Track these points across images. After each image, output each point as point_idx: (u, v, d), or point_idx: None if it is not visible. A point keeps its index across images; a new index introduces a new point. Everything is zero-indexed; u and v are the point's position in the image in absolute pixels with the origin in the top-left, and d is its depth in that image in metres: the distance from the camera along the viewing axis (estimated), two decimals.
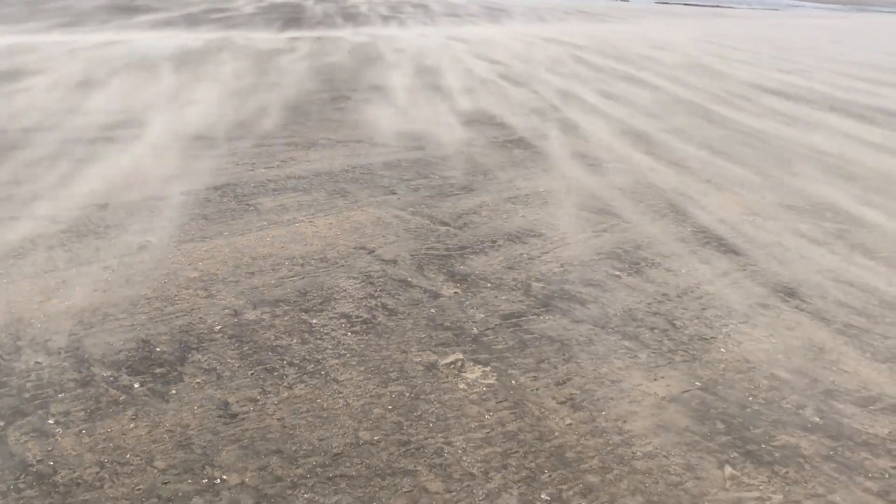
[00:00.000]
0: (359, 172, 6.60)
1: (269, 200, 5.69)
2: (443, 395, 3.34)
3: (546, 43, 18.37)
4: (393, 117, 8.90)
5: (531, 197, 6.21)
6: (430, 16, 24.89)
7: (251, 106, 9.03)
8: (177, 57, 12.61)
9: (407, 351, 3.69)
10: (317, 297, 4.21)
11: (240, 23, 18.90)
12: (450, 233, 5.29)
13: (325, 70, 12.22)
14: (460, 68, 13.27)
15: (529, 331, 3.95)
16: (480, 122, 9.06)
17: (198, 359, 3.47)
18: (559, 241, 5.23)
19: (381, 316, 4.03)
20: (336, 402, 3.22)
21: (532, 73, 13.27)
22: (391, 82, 11.38)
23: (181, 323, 3.79)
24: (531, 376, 3.51)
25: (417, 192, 6.17)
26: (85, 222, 5.02)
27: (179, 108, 8.67)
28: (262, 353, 3.57)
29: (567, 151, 7.78)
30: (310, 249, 4.84)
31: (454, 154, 7.44)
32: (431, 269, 4.66)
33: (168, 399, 3.16)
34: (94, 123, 7.72)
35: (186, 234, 4.93)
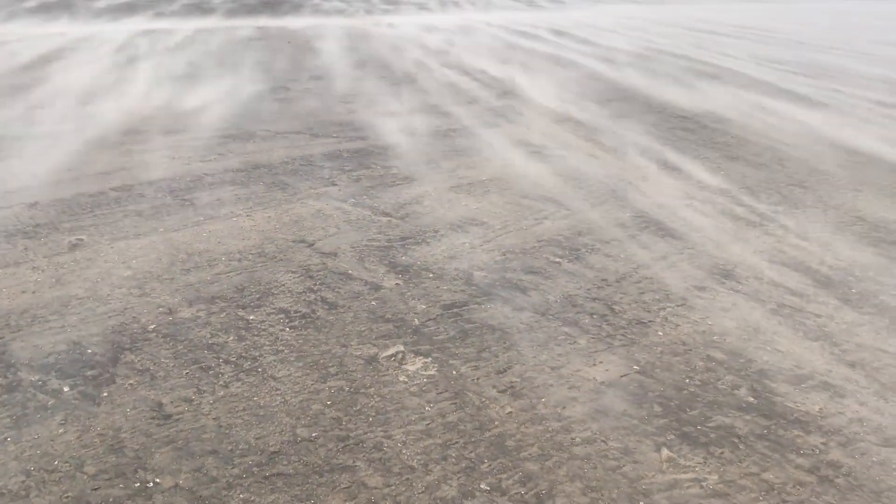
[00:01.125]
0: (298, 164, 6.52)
1: (205, 195, 5.58)
2: (382, 388, 3.31)
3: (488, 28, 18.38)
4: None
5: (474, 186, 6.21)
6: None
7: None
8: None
9: (347, 345, 3.65)
10: (254, 292, 4.14)
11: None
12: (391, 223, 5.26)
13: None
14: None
15: (471, 320, 3.95)
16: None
17: (131, 359, 3.39)
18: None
19: (321, 310, 3.99)
20: (273, 400, 3.18)
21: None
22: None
23: (114, 323, 3.69)
24: (472, 366, 3.51)
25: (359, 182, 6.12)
26: (13, 221, 4.85)
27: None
28: (198, 352, 3.50)
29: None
30: (248, 244, 4.76)
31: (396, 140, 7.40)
32: (372, 261, 4.62)
33: (99, 402, 3.07)
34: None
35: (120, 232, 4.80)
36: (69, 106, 7.99)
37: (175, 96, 8.83)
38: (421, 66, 12.41)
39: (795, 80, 12.10)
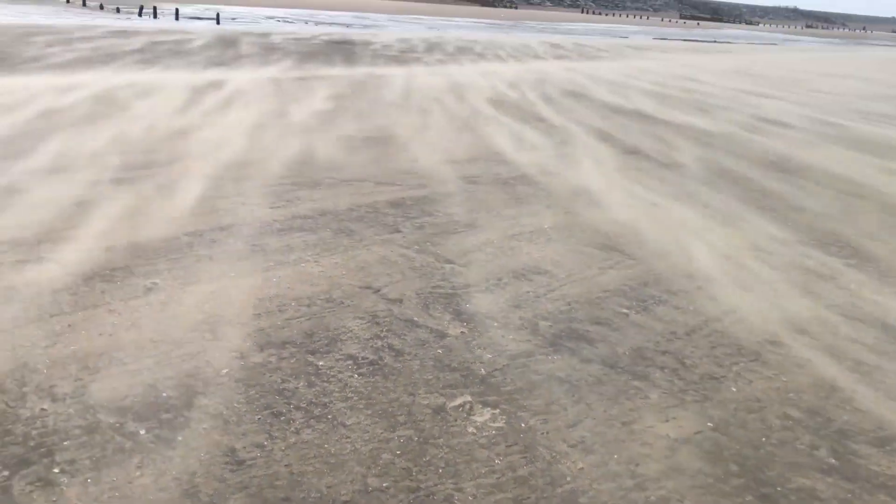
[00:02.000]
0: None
1: (275, 240, 5.69)
2: (451, 439, 3.30)
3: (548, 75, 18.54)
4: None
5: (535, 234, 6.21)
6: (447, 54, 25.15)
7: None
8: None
9: (414, 393, 3.65)
10: (323, 338, 4.18)
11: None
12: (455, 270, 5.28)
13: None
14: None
15: (538, 371, 3.92)
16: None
17: (204, 403, 3.44)
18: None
19: (388, 357, 4.00)
20: (344, 448, 3.19)
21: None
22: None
23: (187, 367, 3.76)
24: (541, 419, 3.48)
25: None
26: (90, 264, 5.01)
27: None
28: (269, 397, 3.53)
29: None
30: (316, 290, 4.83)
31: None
32: (437, 308, 4.64)
33: (174, 446, 3.12)
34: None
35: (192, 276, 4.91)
36: (138, 154, 8.28)
37: (243, 144, 9.07)
38: (477, 113, 12.56)
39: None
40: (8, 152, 7.86)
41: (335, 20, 46.69)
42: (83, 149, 8.23)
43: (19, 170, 7.19)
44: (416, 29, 42.93)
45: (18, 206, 6.10)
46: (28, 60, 16.10)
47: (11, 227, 5.57)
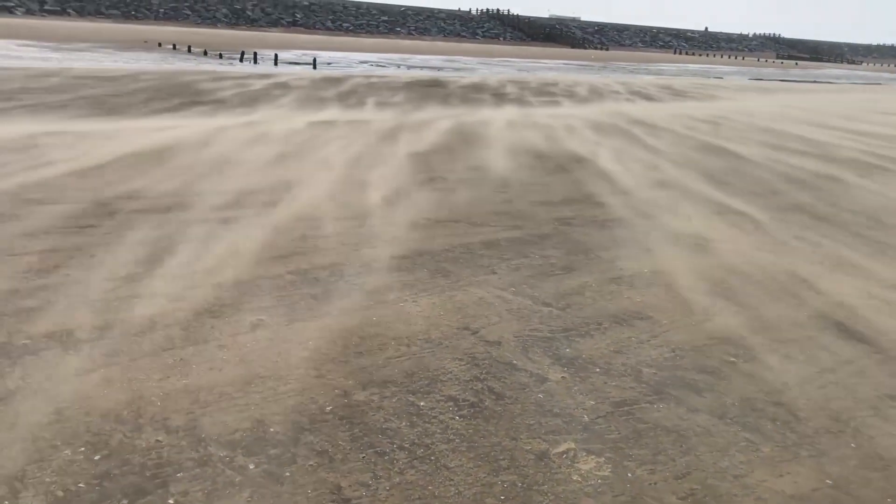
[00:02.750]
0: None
1: (373, 280, 5.78)
2: (556, 486, 3.24)
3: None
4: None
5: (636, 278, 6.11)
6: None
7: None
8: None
9: (516, 438, 3.61)
10: (423, 378, 4.19)
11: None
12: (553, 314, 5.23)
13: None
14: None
15: (643, 420, 3.82)
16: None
17: (310, 440, 3.49)
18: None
19: (489, 400, 3.98)
20: (447, 490, 3.17)
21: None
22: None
23: (293, 403, 3.83)
24: (648, 469, 3.38)
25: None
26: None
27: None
28: (373, 436, 3.56)
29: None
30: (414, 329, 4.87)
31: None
32: (536, 352, 4.60)
33: (282, 482, 3.17)
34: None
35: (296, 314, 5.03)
36: (240, 197, 8.58)
37: (342, 187, 9.30)
38: (573, 157, 12.53)
39: None
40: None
41: (426, 64, 47.67)
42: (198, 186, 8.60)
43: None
44: (507, 71, 43.38)
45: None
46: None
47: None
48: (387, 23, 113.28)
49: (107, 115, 14.71)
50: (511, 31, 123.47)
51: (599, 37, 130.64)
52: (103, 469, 3.20)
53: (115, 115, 14.75)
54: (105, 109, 15.55)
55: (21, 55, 33.25)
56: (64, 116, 14.07)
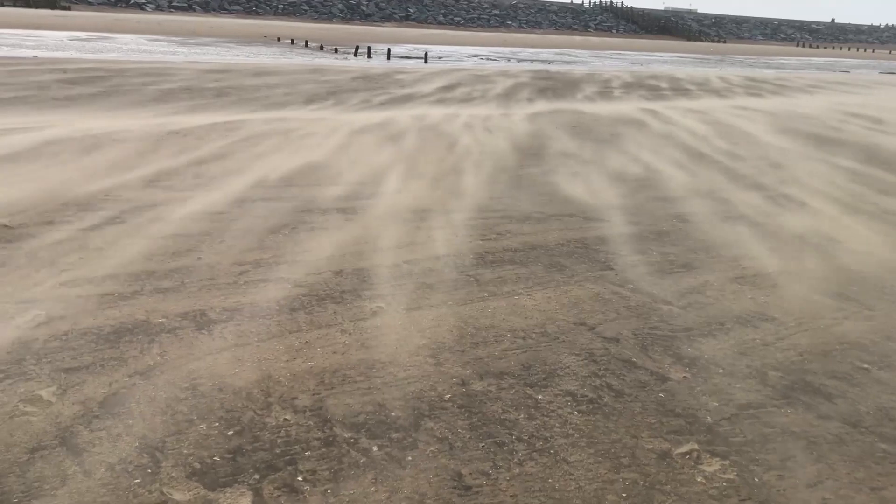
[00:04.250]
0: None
1: (488, 272, 5.81)
2: (679, 487, 3.17)
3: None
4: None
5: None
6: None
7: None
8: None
9: (637, 436, 3.56)
10: (540, 371, 4.19)
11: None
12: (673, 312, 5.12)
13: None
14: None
15: (770, 424, 3.69)
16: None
17: (430, 426, 3.55)
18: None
19: (608, 397, 3.94)
20: (568, 484, 3.16)
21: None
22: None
23: (413, 389, 3.90)
24: (776, 474, 3.26)
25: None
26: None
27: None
28: (491, 426, 3.58)
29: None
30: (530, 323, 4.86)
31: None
32: (656, 350, 4.51)
33: (405, 465, 3.24)
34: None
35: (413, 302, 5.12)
36: (360, 186, 8.78)
37: (451, 181, 9.38)
38: (692, 152, 12.18)
39: None
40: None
41: (536, 57, 47.36)
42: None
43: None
44: (619, 64, 42.57)
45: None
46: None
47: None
48: (498, 16, 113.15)
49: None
50: (624, 23, 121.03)
51: (716, 29, 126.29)
52: (236, 444, 3.35)
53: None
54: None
55: (150, 49, 35.11)
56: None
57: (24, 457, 3.16)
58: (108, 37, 43.69)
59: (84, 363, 4.01)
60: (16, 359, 4.00)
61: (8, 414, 3.47)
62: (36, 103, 14.22)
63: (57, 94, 15.64)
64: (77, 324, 4.49)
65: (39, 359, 4.02)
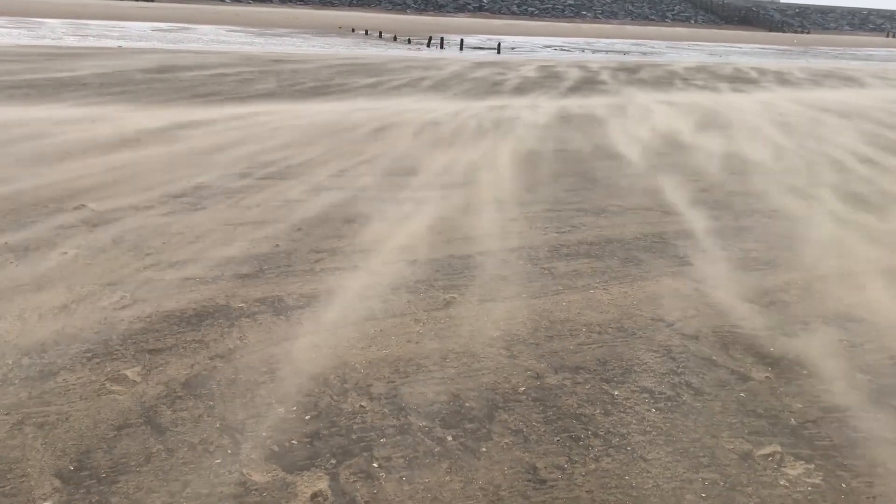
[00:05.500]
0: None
1: (563, 265, 5.75)
2: (761, 489, 3.08)
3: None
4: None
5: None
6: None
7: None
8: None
9: (717, 436, 3.47)
10: (616, 367, 4.13)
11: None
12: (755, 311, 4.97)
13: None
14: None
15: (857, 429, 3.55)
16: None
17: (505, 418, 3.54)
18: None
19: (686, 395, 3.85)
20: (645, 482, 3.11)
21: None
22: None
23: (487, 381, 3.90)
24: (865, 481, 3.14)
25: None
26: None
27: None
28: (567, 420, 3.55)
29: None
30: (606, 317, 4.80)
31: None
32: (738, 349, 4.39)
33: (479, 456, 3.24)
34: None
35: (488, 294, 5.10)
36: (431, 175, 8.80)
37: (522, 171, 9.32)
38: (780, 149, 11.81)
39: None
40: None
41: (611, 48, 46.64)
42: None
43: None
44: (697, 56, 41.57)
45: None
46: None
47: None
48: (572, 6, 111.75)
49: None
50: (703, 13, 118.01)
51: (800, 19, 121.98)
52: (313, 429, 3.40)
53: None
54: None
55: (230, 40, 35.94)
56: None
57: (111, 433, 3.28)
58: (187, 27, 44.89)
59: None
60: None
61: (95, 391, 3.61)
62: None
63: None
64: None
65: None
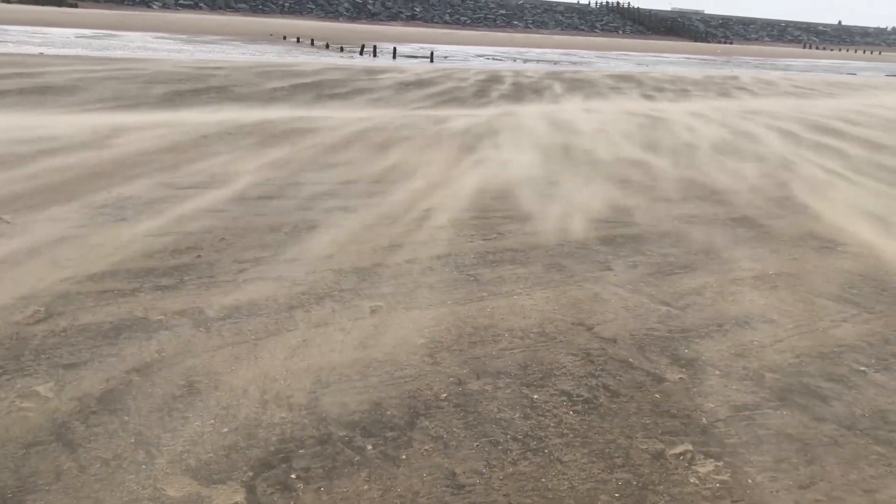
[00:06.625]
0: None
1: (487, 272, 5.82)
2: (672, 487, 3.18)
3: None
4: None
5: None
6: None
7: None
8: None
9: (632, 437, 3.57)
10: (537, 371, 4.20)
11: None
12: (671, 314, 5.12)
13: None
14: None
15: (765, 426, 3.69)
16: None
17: (426, 425, 3.56)
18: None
19: (603, 397, 3.95)
20: (561, 484, 3.17)
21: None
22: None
23: (410, 388, 3.92)
24: (769, 476, 3.27)
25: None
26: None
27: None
28: (487, 426, 3.60)
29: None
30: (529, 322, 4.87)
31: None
32: (653, 351, 4.52)
33: (399, 464, 3.25)
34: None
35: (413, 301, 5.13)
36: (359, 186, 8.80)
37: (451, 177, 9.39)
38: (691, 146, 12.18)
39: None
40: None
41: (542, 57, 47.36)
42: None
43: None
44: (624, 66, 42.53)
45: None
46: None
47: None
48: (504, 16, 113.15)
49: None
50: (631, 24, 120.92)
51: (723, 30, 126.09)
52: (231, 441, 3.36)
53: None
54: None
55: (157, 47, 35.22)
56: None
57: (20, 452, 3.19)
58: (114, 34, 43.83)
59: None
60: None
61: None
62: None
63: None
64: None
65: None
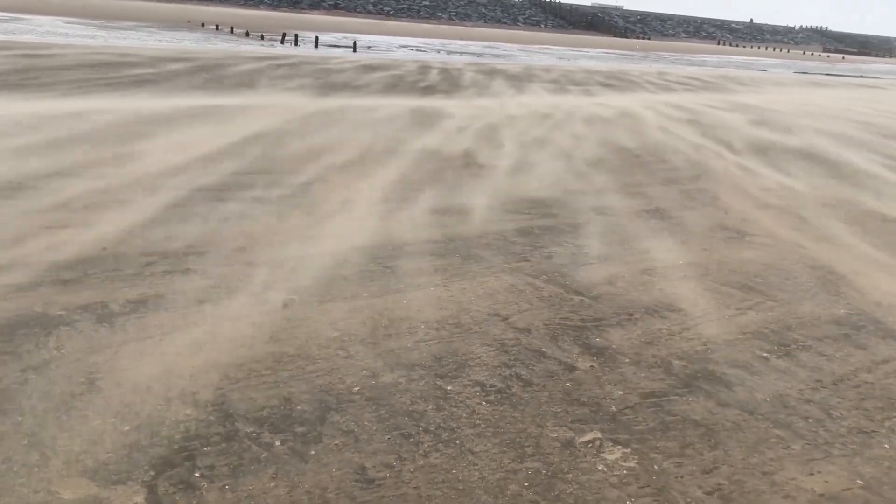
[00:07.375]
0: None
1: (406, 263, 5.79)
2: (580, 475, 3.22)
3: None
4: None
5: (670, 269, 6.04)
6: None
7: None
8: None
9: (543, 426, 3.60)
10: (451, 363, 4.19)
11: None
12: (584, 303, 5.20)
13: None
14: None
15: (671, 412, 3.78)
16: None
17: (337, 420, 3.51)
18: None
19: (516, 387, 3.97)
20: (471, 475, 3.17)
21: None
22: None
23: (321, 382, 3.85)
24: (675, 462, 3.35)
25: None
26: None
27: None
28: (399, 418, 3.57)
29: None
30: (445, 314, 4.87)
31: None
32: (566, 340, 4.57)
33: (307, 460, 3.20)
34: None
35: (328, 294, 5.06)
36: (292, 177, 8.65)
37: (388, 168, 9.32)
38: (623, 149, 12.40)
39: None
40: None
41: (466, 49, 47.51)
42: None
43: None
44: (547, 59, 43.05)
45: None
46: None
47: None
48: (428, 7, 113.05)
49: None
50: (552, 18, 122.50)
51: (642, 26, 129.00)
52: (133, 440, 3.24)
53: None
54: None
55: (68, 32, 33.83)
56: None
57: None
58: (21, 17, 41.91)
59: None
60: None
61: None
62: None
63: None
64: None
65: None
